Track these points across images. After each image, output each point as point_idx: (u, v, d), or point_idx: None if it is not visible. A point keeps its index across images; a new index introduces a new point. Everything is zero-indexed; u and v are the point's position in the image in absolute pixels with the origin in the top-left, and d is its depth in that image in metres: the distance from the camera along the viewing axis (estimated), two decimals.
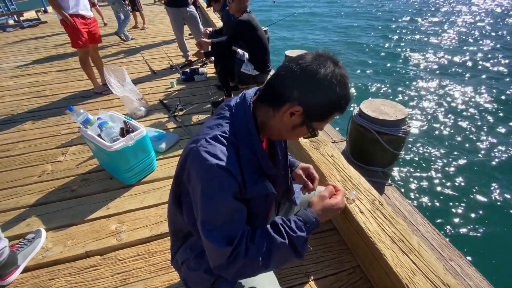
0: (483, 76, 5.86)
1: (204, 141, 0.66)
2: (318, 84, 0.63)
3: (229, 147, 0.66)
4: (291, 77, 0.65)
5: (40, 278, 1.26)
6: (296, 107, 0.65)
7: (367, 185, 1.33)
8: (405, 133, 1.96)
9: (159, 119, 2.52)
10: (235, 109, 0.72)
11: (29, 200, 1.69)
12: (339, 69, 0.64)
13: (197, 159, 0.64)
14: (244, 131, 0.69)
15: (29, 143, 2.27)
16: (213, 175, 0.63)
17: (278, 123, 0.70)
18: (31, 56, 4.72)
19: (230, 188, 0.64)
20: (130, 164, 1.65)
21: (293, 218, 0.76)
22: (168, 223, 0.89)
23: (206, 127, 0.71)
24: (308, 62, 0.64)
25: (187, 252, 0.85)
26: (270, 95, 0.69)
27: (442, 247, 1.60)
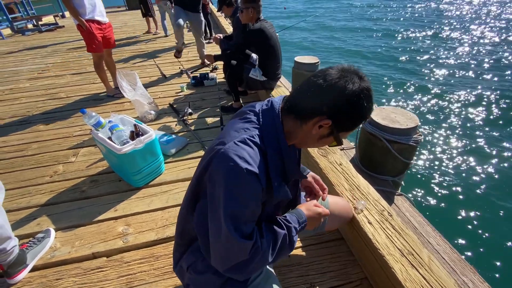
0: (500, 84, 5.71)
1: (232, 143, 0.67)
2: (347, 99, 0.66)
3: (257, 151, 0.68)
4: (320, 93, 0.68)
5: (47, 277, 1.27)
6: (325, 121, 0.68)
7: (376, 195, 1.31)
8: (416, 142, 1.91)
9: (169, 122, 2.56)
10: (262, 115, 0.75)
11: (40, 199, 1.73)
12: (364, 83, 0.67)
13: (225, 161, 0.65)
14: (272, 136, 0.71)
15: (42, 144, 2.34)
16: (241, 178, 0.64)
17: (305, 133, 0.73)
18: (48, 59, 4.89)
19: (255, 192, 0.67)
20: (138, 167, 1.67)
21: (287, 214, 0.85)
22: (176, 224, 0.88)
23: (232, 130, 0.73)
24: (335, 79, 0.66)
25: (194, 254, 0.85)
26: (298, 108, 0.72)
27: (454, 261, 1.54)
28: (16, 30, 7.48)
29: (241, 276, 0.72)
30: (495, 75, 6.17)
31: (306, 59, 3.49)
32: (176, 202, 1.64)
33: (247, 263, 0.70)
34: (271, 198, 0.76)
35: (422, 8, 14.86)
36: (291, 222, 0.80)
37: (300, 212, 0.85)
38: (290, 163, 0.74)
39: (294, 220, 0.81)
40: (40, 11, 9.04)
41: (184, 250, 0.87)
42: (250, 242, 0.67)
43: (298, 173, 0.81)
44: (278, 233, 0.75)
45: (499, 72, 6.29)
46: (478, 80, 6.01)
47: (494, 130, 4.22)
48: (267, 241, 0.72)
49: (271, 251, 0.73)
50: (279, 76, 2.65)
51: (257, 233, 0.72)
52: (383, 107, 2.17)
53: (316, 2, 18.13)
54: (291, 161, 0.74)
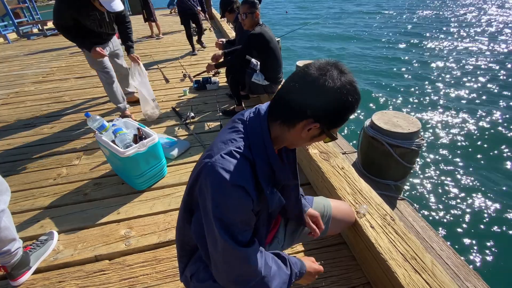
0: (504, 88, 5.69)
1: (219, 156, 0.66)
2: (330, 98, 0.63)
3: (244, 162, 0.67)
4: (301, 95, 0.65)
5: (50, 280, 1.28)
6: (313, 124, 0.66)
7: (379, 200, 1.30)
8: (418, 146, 1.91)
9: (171, 126, 2.57)
10: (249, 123, 0.73)
11: (44, 202, 1.74)
12: (345, 76, 0.64)
13: (212, 175, 0.64)
14: (259, 145, 0.70)
15: (46, 147, 2.36)
16: (228, 192, 0.63)
17: (295, 137, 0.71)
18: (53, 63, 4.95)
19: (244, 204, 0.66)
20: (141, 170, 1.68)
21: (294, 258, 0.85)
22: (176, 237, 0.89)
23: (220, 142, 0.72)
24: (314, 77, 0.63)
25: (196, 264, 0.85)
26: (282, 114, 0.70)
27: (457, 267, 1.53)
28: (22, 35, 7.59)
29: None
30: (500, 79, 6.16)
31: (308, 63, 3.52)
32: (178, 206, 1.64)
33: (246, 278, 0.69)
34: (265, 207, 0.75)
35: (429, 13, 14.92)
36: (295, 267, 0.81)
37: (303, 264, 0.85)
38: (279, 170, 0.73)
39: (297, 266, 0.82)
40: (45, 16, 9.16)
41: (187, 261, 0.88)
42: (248, 250, 0.67)
43: (289, 179, 0.80)
44: (281, 269, 0.77)
45: (503, 77, 6.28)
46: (481, 84, 6.00)
47: (497, 134, 4.20)
48: (271, 270, 0.73)
49: (272, 281, 0.73)
50: (281, 80, 2.66)
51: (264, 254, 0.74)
52: (385, 111, 2.18)
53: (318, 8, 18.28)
54: (280, 169, 0.73)
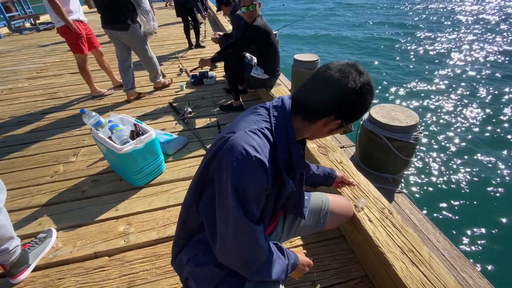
0: (502, 82, 5.70)
1: (243, 132, 0.69)
2: (351, 97, 0.69)
3: (266, 143, 0.70)
4: (325, 96, 0.70)
5: (50, 277, 1.28)
6: (334, 121, 0.72)
7: (377, 193, 1.31)
8: (416, 140, 1.92)
9: (168, 122, 2.55)
10: (274, 110, 0.77)
11: (41, 199, 1.73)
12: (364, 78, 0.69)
13: (234, 148, 0.66)
14: (282, 133, 0.74)
15: (42, 144, 2.34)
16: (249, 165, 0.65)
17: (315, 130, 0.77)
18: (47, 58, 4.86)
19: (262, 181, 0.68)
20: (139, 167, 1.67)
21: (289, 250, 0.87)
22: (179, 215, 0.89)
23: (242, 121, 0.75)
24: (336, 79, 0.68)
25: (196, 247, 0.84)
26: (305, 111, 0.75)
27: (453, 258, 1.56)
28: (14, 29, 7.43)
29: (248, 272, 0.73)
30: (497, 71, 6.16)
31: (306, 57, 3.49)
32: (177, 201, 1.64)
33: (254, 255, 0.71)
34: (274, 192, 0.77)
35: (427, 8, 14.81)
36: (291, 258, 0.83)
37: (297, 256, 0.88)
38: (297, 157, 0.76)
39: (292, 258, 0.84)
40: (37, 10, 8.95)
41: (184, 243, 0.87)
42: (257, 227, 0.69)
43: (303, 166, 0.83)
44: (280, 258, 0.79)
45: (502, 69, 6.29)
46: (479, 77, 6.00)
47: (494, 127, 4.23)
48: (274, 254, 0.76)
49: (275, 266, 0.75)
50: (279, 74, 2.64)
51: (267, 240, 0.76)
52: (383, 105, 2.17)
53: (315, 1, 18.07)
54: (298, 156, 0.76)
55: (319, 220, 1.12)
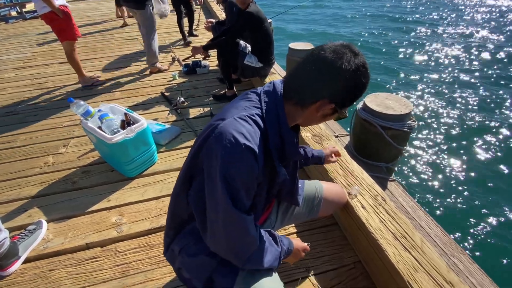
0: (495, 70, 5.73)
1: (232, 119, 0.66)
2: (346, 81, 0.65)
3: (256, 130, 0.67)
4: (318, 78, 0.67)
5: (41, 268, 1.26)
6: (328, 105, 0.69)
7: (370, 180, 1.31)
8: (410, 128, 1.92)
9: (161, 112, 2.51)
10: (264, 96, 0.74)
11: (30, 191, 1.69)
12: (359, 59, 0.66)
13: (224, 136, 0.64)
14: (274, 118, 0.71)
15: (31, 135, 2.28)
16: (239, 153, 0.63)
17: (308, 116, 0.74)
18: (34, 47, 4.70)
19: (252, 169, 0.65)
20: (130, 157, 1.64)
21: (282, 236, 0.86)
22: (169, 206, 0.87)
23: (232, 108, 0.72)
24: (329, 60, 0.65)
25: (186, 238, 0.83)
26: (298, 94, 0.71)
27: (445, 244, 1.58)
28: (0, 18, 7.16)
29: (239, 261, 0.72)
30: (492, 60, 6.19)
31: (301, 45, 3.44)
32: (170, 192, 1.62)
33: (247, 245, 0.70)
34: (266, 180, 0.75)
35: None
36: (284, 244, 0.82)
37: (291, 242, 0.86)
38: (290, 144, 0.73)
39: (286, 244, 0.83)
40: None
41: (175, 234, 0.86)
42: (247, 217, 0.67)
43: (297, 154, 0.81)
44: (272, 245, 0.78)
45: (495, 58, 6.31)
46: (473, 66, 6.02)
47: (487, 115, 4.27)
48: (265, 243, 0.75)
49: (266, 255, 0.74)
50: (273, 62, 2.60)
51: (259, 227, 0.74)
52: (378, 94, 2.16)
53: None
54: (291, 143, 0.74)
55: (313, 207, 1.12)
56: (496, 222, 2.60)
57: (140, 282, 1.17)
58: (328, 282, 1.15)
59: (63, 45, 2.79)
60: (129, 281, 1.18)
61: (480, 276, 1.45)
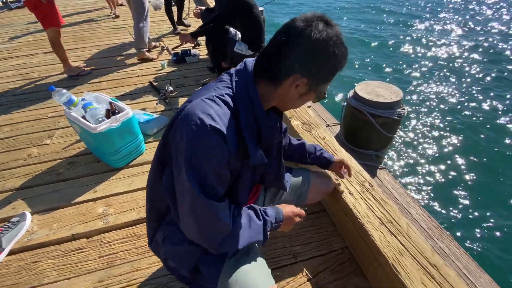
0: (485, 60, 5.76)
1: (199, 100, 0.63)
2: (317, 51, 0.62)
3: (226, 111, 0.63)
4: (288, 50, 0.63)
5: (25, 260, 1.24)
6: (300, 79, 0.64)
7: (358, 167, 1.31)
8: (399, 116, 1.92)
9: (149, 101, 2.45)
10: (235, 75, 0.70)
11: (14, 183, 1.65)
12: (332, 29, 0.62)
13: (189, 117, 0.60)
14: (244, 96, 0.67)
15: (15, 126, 2.21)
16: (205, 135, 0.59)
17: (283, 95, 0.69)
18: (19, 38, 4.53)
19: (220, 151, 0.61)
20: (116, 147, 1.60)
21: (268, 207, 0.82)
22: (146, 199, 0.84)
23: (203, 89, 0.69)
24: (300, 29, 0.61)
25: (168, 227, 0.82)
26: (268, 71, 0.67)
27: (431, 229, 1.61)
28: None
29: (211, 247, 0.69)
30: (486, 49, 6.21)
31: None
32: None
33: (217, 232, 0.67)
34: (246, 165, 0.72)
35: None
36: (269, 216, 0.78)
37: (279, 210, 0.83)
38: (264, 124, 0.70)
39: (272, 215, 0.79)
40: None
41: (157, 226, 0.84)
42: (218, 204, 0.64)
43: (276, 136, 0.77)
44: (253, 220, 0.74)
45: (486, 47, 6.34)
46: (464, 55, 6.04)
47: (477, 105, 4.31)
48: (241, 223, 0.71)
49: (243, 234, 0.71)
50: None
51: (233, 208, 0.70)
52: (369, 82, 2.15)
53: None
54: (266, 123, 0.70)
55: (301, 194, 1.11)
56: (484, 208, 2.66)
57: (127, 272, 1.16)
58: (316, 268, 1.15)
59: (47, 32, 2.69)
60: (116, 271, 1.17)
61: (466, 260, 1.48)
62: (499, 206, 2.66)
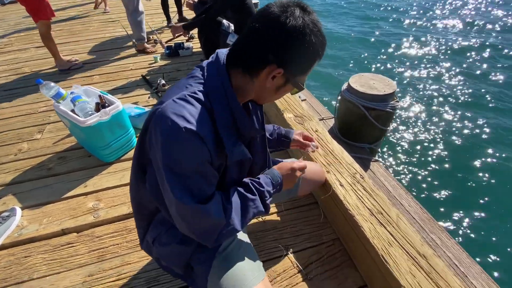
0: (479, 54, 5.75)
1: (171, 101, 0.60)
2: (293, 40, 0.58)
3: (200, 109, 0.60)
4: (262, 38, 0.59)
5: (15, 255, 1.23)
6: (276, 70, 0.60)
7: (350, 159, 1.30)
8: (393, 108, 1.91)
9: (141, 95, 2.42)
10: (207, 68, 0.66)
11: (4, 178, 1.63)
12: (309, 16, 0.59)
13: (162, 121, 0.58)
14: (218, 90, 0.64)
15: (5, 122, 2.18)
16: (180, 138, 0.57)
17: (259, 87, 0.66)
18: (11, 33, 4.45)
19: (199, 153, 0.59)
20: (106, 141, 1.58)
21: (260, 176, 0.79)
22: (130, 200, 0.83)
23: (174, 87, 0.66)
24: (275, 18, 0.58)
25: (157, 228, 0.81)
26: (243, 60, 0.64)
27: (423, 221, 1.61)
28: None
29: (210, 244, 0.68)
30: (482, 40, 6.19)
31: None
32: None
33: (212, 230, 0.65)
34: (228, 161, 0.70)
35: None
36: (264, 185, 0.75)
37: (274, 173, 0.80)
38: (241, 118, 0.66)
39: (267, 183, 0.76)
40: None
41: (147, 225, 0.83)
42: (205, 206, 0.62)
43: (254, 129, 0.74)
44: (247, 198, 0.71)
45: (480, 40, 6.32)
46: (459, 46, 6.02)
47: (470, 96, 4.31)
48: (234, 208, 0.68)
49: (241, 218, 0.69)
50: None
51: (222, 199, 0.68)
52: (363, 74, 2.13)
53: None
54: (242, 116, 0.66)
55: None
56: (476, 201, 2.68)
57: (117, 266, 1.16)
58: (307, 259, 1.15)
59: (37, 26, 2.64)
60: (106, 265, 1.16)
61: (457, 250, 1.49)
62: (494, 199, 2.68)
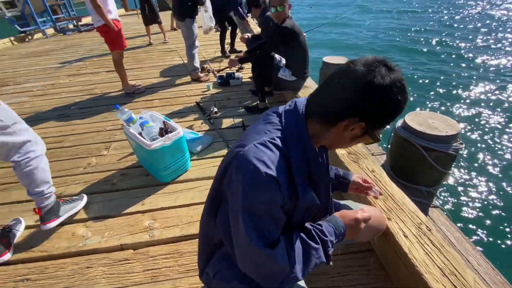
0: None
1: (252, 145, 0.64)
2: (378, 96, 0.59)
3: (278, 155, 0.64)
4: (347, 92, 0.61)
5: (79, 265, 1.33)
6: (358, 123, 0.63)
7: (413, 207, 1.22)
8: (456, 151, 1.77)
9: (195, 120, 2.59)
10: (285, 116, 0.70)
11: (75, 189, 1.82)
12: (395, 74, 0.60)
13: (244, 164, 0.62)
14: (295, 139, 0.67)
15: (78, 137, 2.47)
16: (260, 182, 0.60)
17: (336, 136, 0.67)
18: (86, 57, 5.19)
19: (275, 197, 0.62)
20: (166, 163, 1.70)
21: (323, 223, 0.76)
22: (199, 230, 0.87)
23: (253, 132, 0.70)
24: (361, 73, 0.60)
25: (219, 262, 0.83)
26: (323, 111, 0.66)
27: (496, 284, 1.40)
28: (59, 30, 8.03)
29: (270, 286, 0.68)
30: None
31: (335, 59, 3.39)
32: (201, 200, 1.64)
33: (276, 275, 0.65)
34: (298, 206, 0.71)
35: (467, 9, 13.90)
36: (327, 234, 0.73)
37: (337, 221, 0.77)
38: (316, 167, 0.69)
39: (330, 232, 0.74)
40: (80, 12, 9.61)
41: (209, 257, 0.86)
42: (272, 251, 0.63)
43: (327, 177, 0.75)
44: (310, 246, 0.70)
45: None
46: None
47: None
48: (297, 255, 0.67)
49: (303, 266, 0.68)
50: (307, 76, 2.58)
51: (286, 244, 0.68)
52: (419, 112, 2.04)
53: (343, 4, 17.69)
54: (317, 165, 0.69)
55: None
56: None
57: None
58: None
59: (112, 54, 3.05)
60: (158, 287, 1.19)
61: None
62: None
